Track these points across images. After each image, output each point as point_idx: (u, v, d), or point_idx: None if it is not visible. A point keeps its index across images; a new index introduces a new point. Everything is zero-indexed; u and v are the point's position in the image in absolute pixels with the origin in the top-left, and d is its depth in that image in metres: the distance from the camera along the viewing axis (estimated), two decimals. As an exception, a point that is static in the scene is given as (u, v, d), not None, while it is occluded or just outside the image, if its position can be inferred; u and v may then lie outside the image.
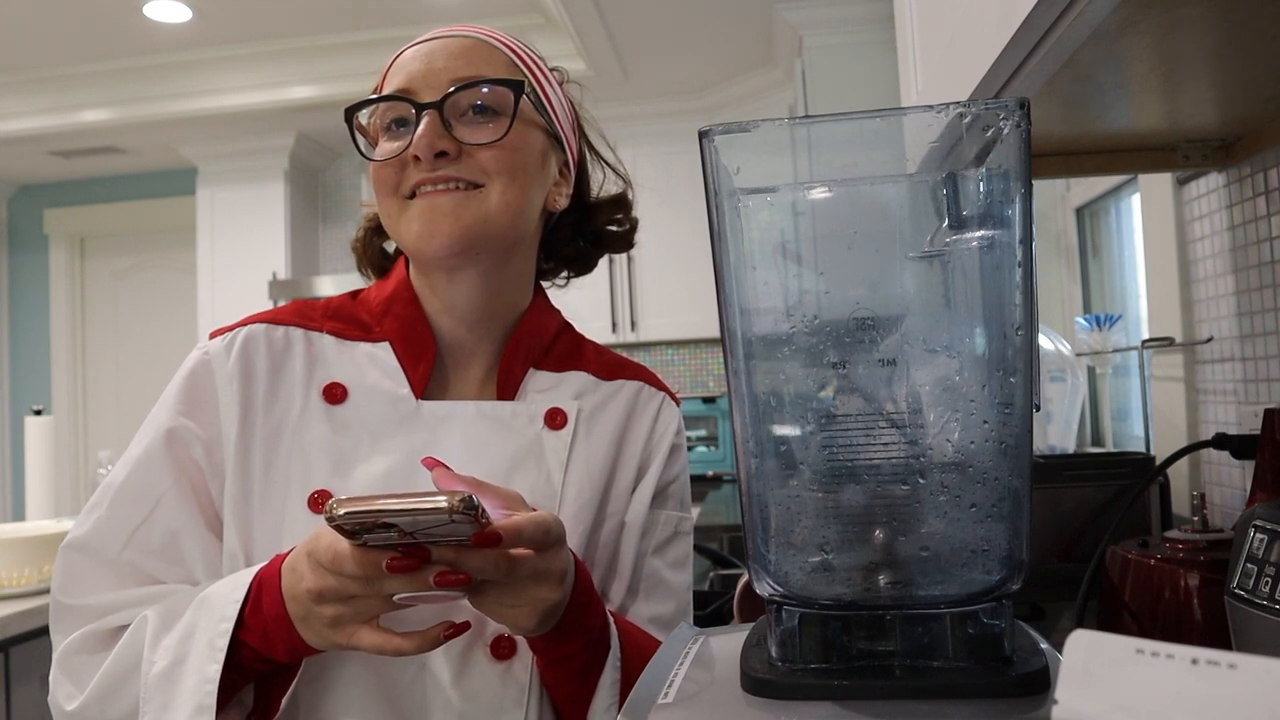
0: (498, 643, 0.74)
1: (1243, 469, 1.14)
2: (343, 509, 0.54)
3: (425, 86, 0.77)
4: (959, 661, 0.48)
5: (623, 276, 3.86)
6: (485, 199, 0.77)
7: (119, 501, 0.77)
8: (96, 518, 0.77)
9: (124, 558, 0.76)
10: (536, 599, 0.64)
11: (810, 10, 2.93)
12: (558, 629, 0.68)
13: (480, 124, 0.77)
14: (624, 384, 0.89)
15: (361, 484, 0.76)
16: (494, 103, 0.78)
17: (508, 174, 0.77)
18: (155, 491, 0.76)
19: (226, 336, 0.82)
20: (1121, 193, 1.87)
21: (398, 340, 0.82)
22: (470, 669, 0.74)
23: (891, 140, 0.49)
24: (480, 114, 0.78)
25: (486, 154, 0.77)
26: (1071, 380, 1.53)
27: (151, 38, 3.51)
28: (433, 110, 0.76)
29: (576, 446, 0.83)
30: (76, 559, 0.76)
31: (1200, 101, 0.93)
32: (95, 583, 0.75)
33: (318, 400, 0.80)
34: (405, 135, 0.77)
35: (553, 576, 0.64)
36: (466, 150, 0.76)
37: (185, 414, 0.79)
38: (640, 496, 0.85)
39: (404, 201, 0.78)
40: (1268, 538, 0.71)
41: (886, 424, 0.50)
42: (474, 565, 0.60)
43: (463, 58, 0.79)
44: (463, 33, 0.82)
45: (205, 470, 0.78)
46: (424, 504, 0.53)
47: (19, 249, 4.88)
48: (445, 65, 0.78)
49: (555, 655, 0.71)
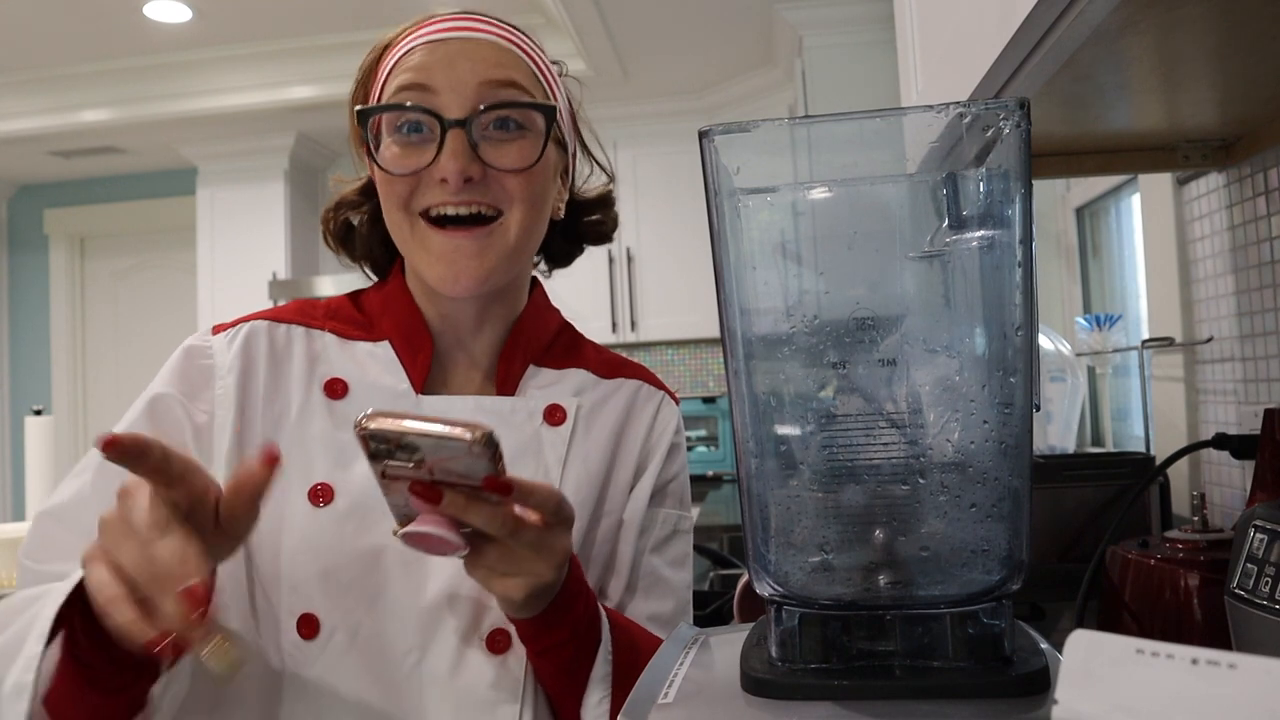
0: (494, 636, 0.74)
1: (1243, 469, 1.14)
2: (373, 423, 0.55)
3: (449, 92, 0.74)
4: (959, 661, 0.48)
5: (623, 276, 3.86)
6: (505, 232, 0.76)
7: (103, 470, 0.73)
8: (78, 485, 0.75)
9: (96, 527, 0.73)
10: (532, 573, 0.63)
11: (810, 10, 2.93)
12: (545, 615, 0.68)
13: (505, 143, 0.75)
14: (623, 382, 0.89)
15: (363, 478, 0.75)
16: (520, 118, 0.76)
17: (529, 201, 0.76)
18: None
19: (229, 331, 0.82)
20: (1121, 193, 1.87)
21: (397, 338, 0.82)
22: (466, 662, 0.74)
23: (891, 140, 0.49)
24: (503, 129, 0.75)
25: (512, 180, 0.75)
26: (1071, 380, 1.53)
27: (151, 38, 3.50)
28: (460, 129, 0.73)
29: (575, 443, 0.82)
30: (50, 525, 0.74)
31: (1200, 101, 0.93)
32: (64, 550, 0.71)
33: (319, 395, 0.79)
34: (422, 146, 0.74)
35: (554, 554, 0.64)
36: (491, 173, 0.75)
37: (179, 393, 0.78)
38: (638, 494, 0.85)
39: (416, 220, 0.76)
40: (1268, 538, 0.71)
41: (886, 424, 0.50)
42: (480, 517, 0.59)
43: (487, 63, 0.76)
44: (483, 32, 0.78)
45: (192, 453, 0.75)
46: (448, 431, 0.55)
47: (19, 249, 4.88)
48: (470, 71, 0.75)
49: (544, 644, 0.70)
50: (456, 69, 0.74)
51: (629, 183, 3.83)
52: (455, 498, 0.58)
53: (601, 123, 0.93)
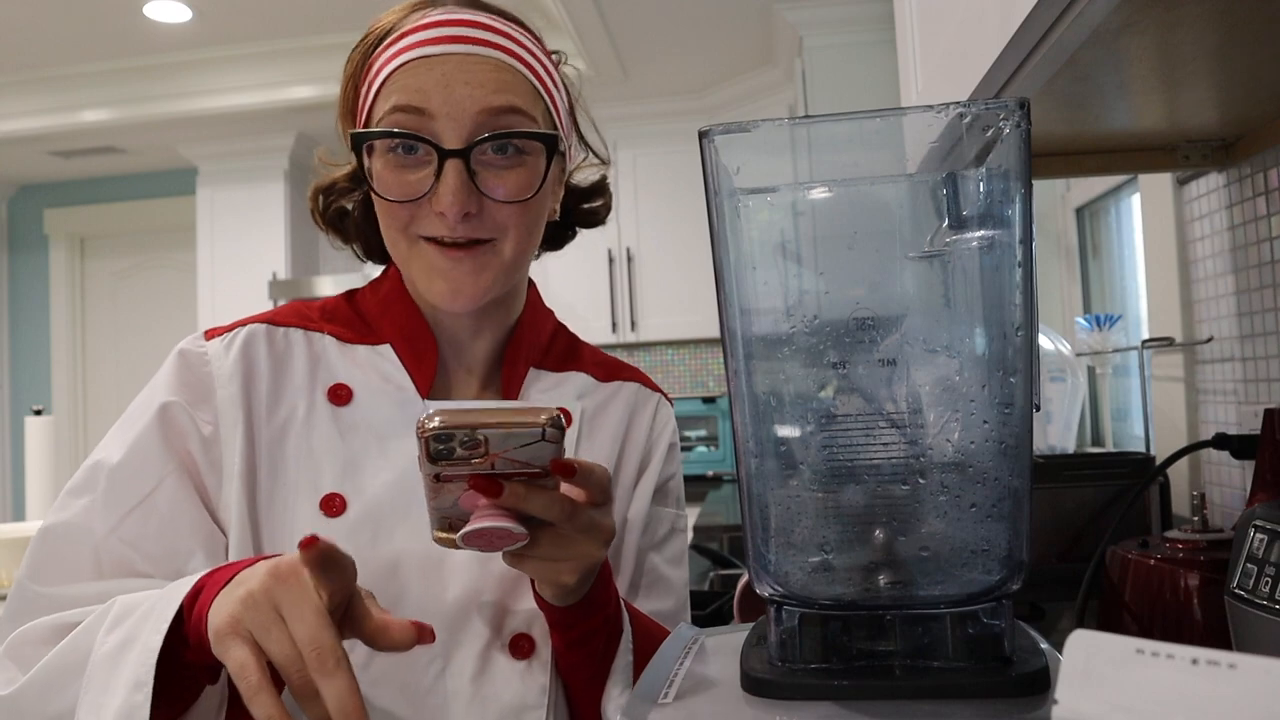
0: (516, 641, 0.74)
1: (1243, 469, 1.14)
2: (439, 419, 0.54)
3: (445, 119, 0.72)
4: (959, 661, 0.48)
5: (623, 276, 3.86)
6: (500, 253, 0.75)
7: (115, 483, 0.72)
8: (87, 501, 0.72)
9: (109, 544, 0.71)
10: (584, 554, 0.63)
11: (810, 10, 2.93)
12: (586, 600, 0.68)
13: (505, 170, 0.74)
14: (622, 385, 0.89)
15: (373, 487, 0.75)
16: (519, 144, 0.74)
17: (524, 227, 0.76)
18: (155, 475, 0.73)
19: (225, 336, 0.79)
20: (1121, 193, 1.87)
21: (399, 341, 0.81)
22: (490, 669, 0.73)
23: (891, 140, 0.49)
24: (501, 154, 0.73)
25: (508, 209, 0.74)
26: (1071, 380, 1.53)
27: (151, 38, 3.50)
28: (459, 160, 0.71)
29: (580, 448, 0.83)
30: (58, 544, 0.71)
31: (1200, 101, 0.93)
32: (73, 571, 0.70)
33: (323, 401, 0.78)
34: (418, 169, 0.73)
35: (604, 533, 0.64)
36: (488, 204, 0.73)
37: (184, 402, 0.76)
38: (641, 493, 0.86)
39: (413, 241, 0.75)
40: (1268, 538, 0.71)
41: (886, 424, 0.50)
42: (539, 504, 0.58)
43: (486, 88, 0.72)
44: (481, 43, 0.74)
45: (200, 464, 0.75)
46: (519, 418, 0.54)
47: (19, 249, 4.88)
48: (469, 98, 0.72)
49: (578, 633, 0.70)
50: (454, 93, 0.72)
51: (629, 182, 3.83)
52: (516, 488, 0.58)
53: (601, 123, 0.93)
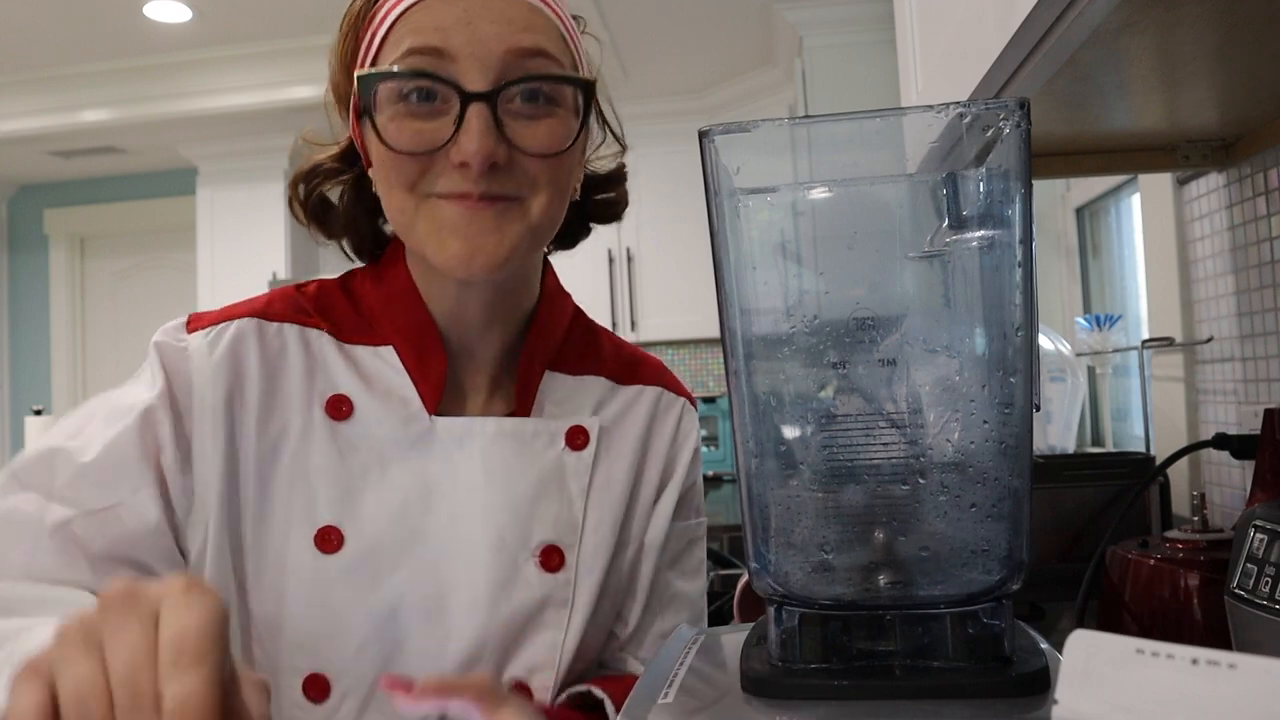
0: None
1: (1243, 469, 1.14)
2: None
3: (469, 59, 0.62)
4: (959, 661, 0.48)
5: (623, 276, 3.86)
6: (527, 212, 0.66)
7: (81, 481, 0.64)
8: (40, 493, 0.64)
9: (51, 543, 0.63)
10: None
11: (810, 10, 2.93)
12: None
13: (533, 120, 0.64)
14: (642, 390, 0.82)
15: (373, 519, 0.69)
16: (550, 91, 0.65)
17: (555, 186, 0.66)
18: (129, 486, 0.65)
19: (210, 330, 0.71)
20: (1121, 193, 1.87)
21: (403, 344, 0.73)
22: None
23: (891, 140, 0.49)
24: (531, 102, 0.64)
25: (538, 164, 0.65)
26: (1071, 380, 1.53)
27: (151, 38, 3.50)
28: (484, 104, 0.62)
29: (598, 468, 0.76)
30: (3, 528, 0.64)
31: (1200, 101, 0.93)
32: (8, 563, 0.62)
33: (320, 415, 0.70)
34: (434, 119, 0.63)
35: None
36: (516, 156, 0.64)
37: (166, 407, 0.68)
38: (661, 512, 0.80)
39: (422, 199, 0.65)
40: (1268, 538, 0.71)
41: (886, 424, 0.50)
42: None
43: (513, 25, 0.64)
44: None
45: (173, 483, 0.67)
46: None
47: (19, 249, 4.88)
48: (495, 36, 0.63)
49: None
50: (478, 31, 0.63)
51: (629, 182, 3.82)
52: None
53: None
